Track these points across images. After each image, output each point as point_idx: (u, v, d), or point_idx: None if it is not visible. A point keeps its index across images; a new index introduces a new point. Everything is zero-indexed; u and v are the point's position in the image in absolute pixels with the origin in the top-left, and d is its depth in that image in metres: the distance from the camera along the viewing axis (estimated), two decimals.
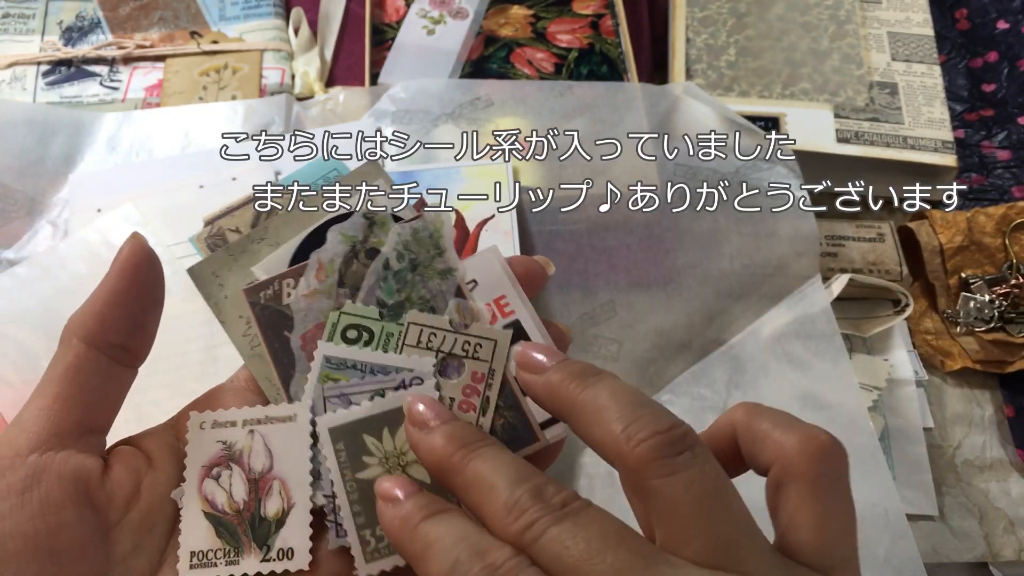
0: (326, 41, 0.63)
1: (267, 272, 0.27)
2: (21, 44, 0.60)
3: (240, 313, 0.27)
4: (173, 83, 0.59)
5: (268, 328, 0.27)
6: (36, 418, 0.24)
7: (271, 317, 0.27)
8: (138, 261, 0.25)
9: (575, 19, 0.63)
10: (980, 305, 0.53)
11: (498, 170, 0.51)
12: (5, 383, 0.45)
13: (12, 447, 0.23)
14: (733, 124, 0.54)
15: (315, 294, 0.27)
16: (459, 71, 0.60)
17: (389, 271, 0.27)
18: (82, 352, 0.25)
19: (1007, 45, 0.64)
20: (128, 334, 0.25)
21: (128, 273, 0.25)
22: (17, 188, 0.53)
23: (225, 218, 0.30)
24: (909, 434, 0.50)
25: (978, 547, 0.47)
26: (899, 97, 0.58)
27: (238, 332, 0.27)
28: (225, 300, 0.27)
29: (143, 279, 0.25)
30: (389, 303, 0.27)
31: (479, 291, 0.27)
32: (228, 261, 0.27)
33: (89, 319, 0.25)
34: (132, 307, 0.25)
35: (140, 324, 0.26)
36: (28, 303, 0.47)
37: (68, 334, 0.25)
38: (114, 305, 0.25)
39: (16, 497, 0.22)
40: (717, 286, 0.51)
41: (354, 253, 0.27)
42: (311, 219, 0.28)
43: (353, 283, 0.27)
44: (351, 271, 0.27)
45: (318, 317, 0.27)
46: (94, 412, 0.25)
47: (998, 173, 0.61)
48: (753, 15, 0.62)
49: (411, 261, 0.27)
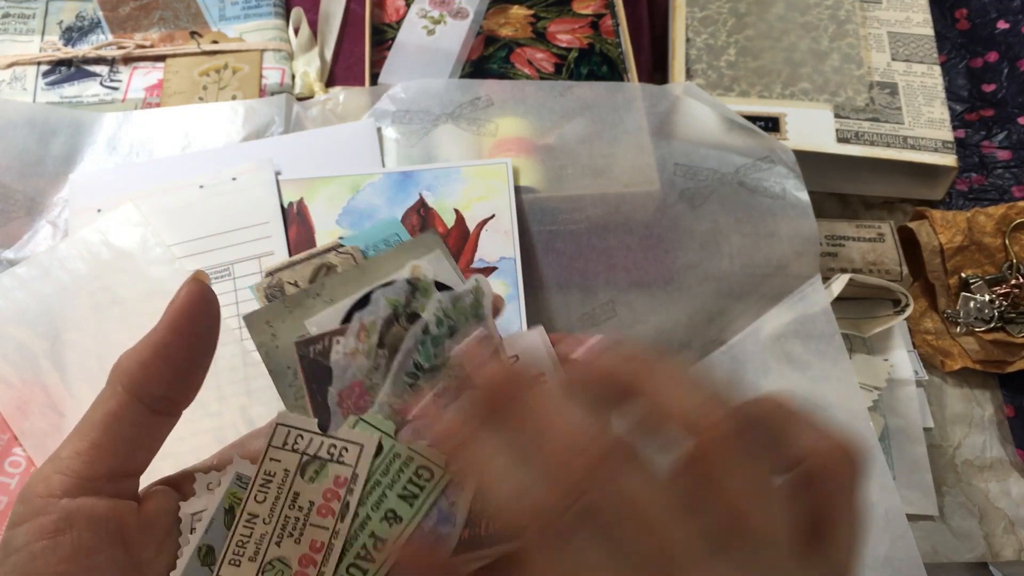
0: (326, 41, 0.63)
1: (319, 328, 0.28)
2: (21, 44, 0.60)
3: (288, 364, 0.28)
4: (173, 83, 0.59)
5: (313, 381, 0.27)
6: (71, 461, 0.23)
7: (317, 371, 0.27)
8: (193, 311, 0.25)
9: (575, 19, 0.63)
10: (980, 305, 0.53)
11: (498, 170, 0.51)
12: (5, 383, 0.45)
13: (47, 486, 0.23)
14: (733, 124, 0.54)
15: (355, 353, 0.27)
16: (459, 71, 0.60)
17: (428, 336, 0.27)
18: (124, 401, 0.24)
19: (1007, 45, 0.64)
20: (173, 386, 0.25)
21: (180, 324, 0.25)
22: (17, 188, 0.53)
23: (286, 271, 0.31)
24: (909, 434, 0.50)
25: (978, 547, 0.47)
26: (899, 97, 0.58)
27: (284, 383, 0.28)
28: (276, 350, 0.28)
29: (196, 331, 0.25)
30: (426, 367, 0.27)
31: (519, 366, 0.28)
32: (283, 312, 0.28)
33: (135, 368, 0.24)
34: (180, 360, 0.25)
35: (187, 377, 0.25)
36: (28, 303, 0.47)
37: (114, 378, 0.24)
38: (162, 357, 0.24)
39: (48, 540, 0.22)
40: (717, 286, 0.51)
41: (396, 316, 0.28)
42: (366, 280, 0.29)
43: (392, 345, 0.28)
44: (391, 333, 0.28)
45: (356, 375, 0.27)
46: (130, 459, 0.25)
47: (998, 173, 0.61)
48: (753, 15, 0.62)
49: (450, 328, 0.28)
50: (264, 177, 0.51)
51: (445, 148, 0.54)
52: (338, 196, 0.50)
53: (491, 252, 0.49)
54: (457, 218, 0.50)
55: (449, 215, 0.50)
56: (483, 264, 0.48)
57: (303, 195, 0.51)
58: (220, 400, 0.44)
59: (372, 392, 0.27)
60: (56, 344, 0.46)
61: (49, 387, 0.45)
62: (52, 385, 0.45)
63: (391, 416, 0.27)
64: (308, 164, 0.53)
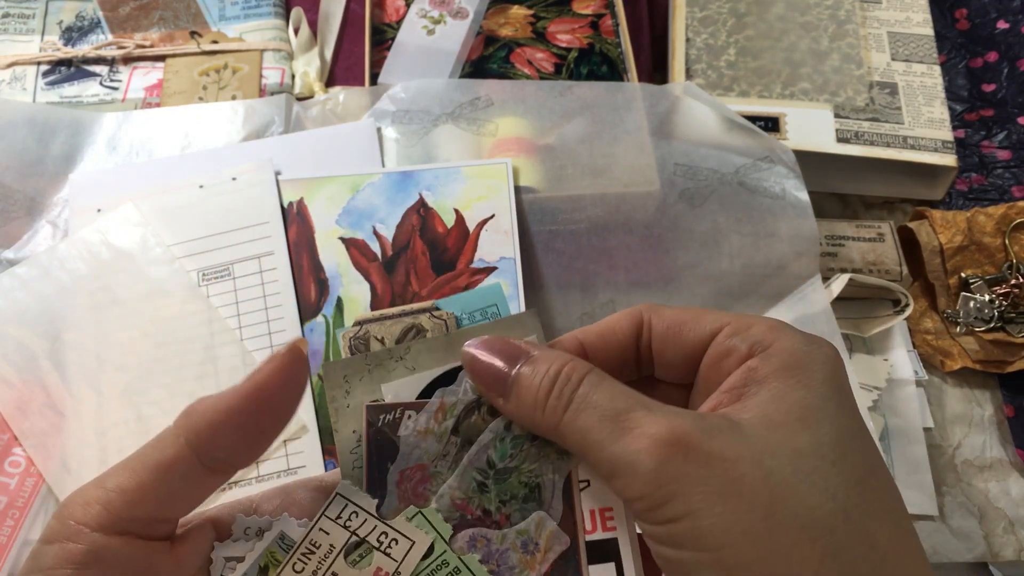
0: (326, 41, 0.63)
1: (394, 394, 0.27)
2: (21, 44, 0.60)
3: (354, 428, 0.27)
4: (173, 83, 0.59)
5: (374, 454, 0.26)
6: (114, 496, 0.23)
7: (382, 444, 0.26)
8: (278, 386, 0.24)
9: (575, 19, 0.63)
10: (980, 305, 0.53)
11: (498, 170, 0.51)
12: (5, 383, 0.45)
13: (84, 514, 0.23)
14: (733, 124, 0.54)
15: (427, 433, 0.26)
16: (459, 71, 0.60)
17: (509, 434, 0.26)
18: (183, 455, 0.24)
19: (1007, 45, 0.64)
20: (237, 453, 0.24)
21: (261, 397, 0.24)
22: (17, 188, 0.53)
23: (375, 324, 0.30)
24: (909, 434, 0.50)
25: (978, 547, 0.47)
26: (899, 97, 0.58)
27: (347, 446, 0.27)
28: (347, 409, 0.27)
29: (275, 406, 0.24)
30: (499, 466, 0.26)
31: (590, 492, 0.27)
32: (361, 369, 0.27)
33: (204, 427, 0.24)
34: (251, 430, 0.24)
35: (253, 446, 0.25)
36: (28, 303, 0.47)
37: (180, 427, 0.24)
38: (234, 424, 0.24)
39: (74, 569, 0.22)
40: (717, 286, 0.51)
41: (478, 404, 0.27)
42: (453, 354, 0.27)
43: (466, 435, 0.26)
44: (468, 422, 0.27)
45: (421, 457, 0.26)
46: (173, 509, 0.24)
47: (998, 173, 0.61)
48: (753, 15, 0.62)
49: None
50: (264, 177, 0.51)
51: (445, 148, 0.54)
52: (338, 196, 0.50)
53: (491, 252, 0.49)
54: (457, 218, 0.50)
55: (449, 215, 0.50)
56: (483, 264, 0.48)
57: (303, 195, 0.51)
58: None
59: (434, 479, 0.26)
60: (56, 344, 0.46)
61: (49, 387, 0.45)
62: (52, 385, 0.45)
63: (451, 509, 0.26)
64: (308, 164, 0.53)
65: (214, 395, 0.24)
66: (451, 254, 0.49)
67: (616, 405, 0.23)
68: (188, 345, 0.46)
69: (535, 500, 0.26)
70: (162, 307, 0.47)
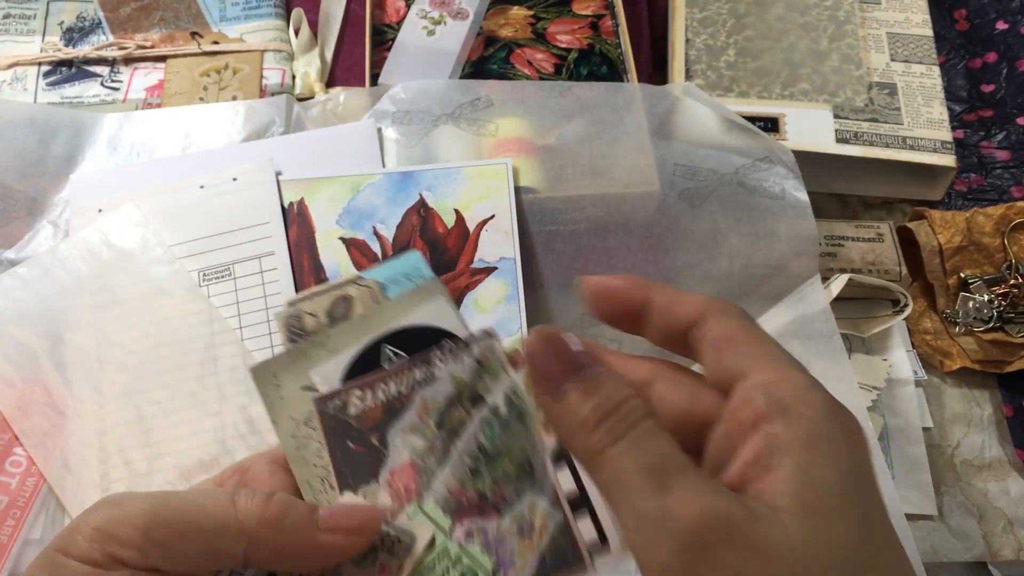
0: (326, 42, 0.63)
1: (323, 377, 0.28)
2: (22, 44, 0.61)
3: (291, 414, 0.28)
4: (174, 83, 0.59)
5: (332, 436, 0.27)
6: (121, 538, 0.24)
7: (338, 427, 0.28)
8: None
9: (575, 20, 0.63)
10: (979, 305, 0.53)
11: (498, 170, 0.51)
12: (6, 383, 0.45)
13: (81, 539, 0.24)
14: (732, 124, 0.54)
15: (413, 431, 0.27)
16: (459, 72, 0.60)
17: (497, 419, 0.27)
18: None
19: (1006, 46, 0.64)
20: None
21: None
22: (18, 188, 0.53)
23: (305, 302, 0.31)
24: (908, 434, 0.50)
25: (977, 547, 0.48)
26: (898, 97, 0.58)
27: (287, 432, 0.28)
28: (281, 400, 0.28)
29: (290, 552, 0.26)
30: (489, 450, 0.27)
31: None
32: (287, 363, 0.29)
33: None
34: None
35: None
36: (29, 303, 0.47)
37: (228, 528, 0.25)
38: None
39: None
40: (717, 286, 0.51)
41: (459, 397, 0.27)
42: (368, 332, 0.29)
43: (451, 428, 0.27)
44: (452, 415, 0.27)
45: (410, 455, 0.27)
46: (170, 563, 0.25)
47: (997, 173, 0.61)
48: (752, 15, 0.62)
49: (519, 411, 0.27)
50: (264, 177, 0.51)
51: (445, 148, 0.54)
52: (338, 196, 0.51)
53: (491, 252, 0.49)
54: (457, 218, 0.50)
55: (449, 215, 0.50)
56: (483, 264, 0.49)
57: (303, 195, 0.51)
58: (220, 400, 0.45)
59: (424, 475, 0.27)
60: (57, 344, 0.46)
61: (50, 387, 0.45)
62: (53, 385, 0.45)
63: (447, 498, 0.26)
64: (308, 164, 0.53)
65: None
66: (451, 254, 0.49)
67: (665, 461, 0.22)
68: (189, 345, 0.46)
69: (528, 477, 0.27)
70: (163, 307, 0.47)
